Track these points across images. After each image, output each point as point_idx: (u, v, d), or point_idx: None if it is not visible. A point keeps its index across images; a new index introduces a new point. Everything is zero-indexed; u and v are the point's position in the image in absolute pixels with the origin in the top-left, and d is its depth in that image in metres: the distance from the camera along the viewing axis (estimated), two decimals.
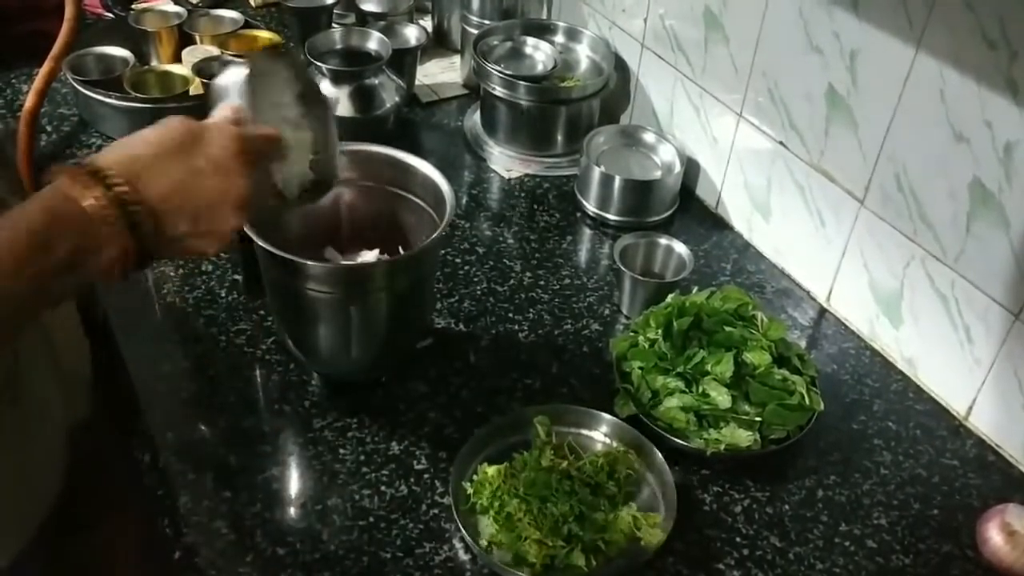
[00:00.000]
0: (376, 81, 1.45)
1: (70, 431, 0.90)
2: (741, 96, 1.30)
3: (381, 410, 1.05)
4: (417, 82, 1.65)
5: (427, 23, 1.78)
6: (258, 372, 1.08)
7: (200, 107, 1.46)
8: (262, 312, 1.14)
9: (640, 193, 1.35)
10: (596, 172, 1.35)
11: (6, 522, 0.83)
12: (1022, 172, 0.95)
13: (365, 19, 1.65)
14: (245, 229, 0.94)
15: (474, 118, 1.57)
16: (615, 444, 1.00)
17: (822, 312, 1.26)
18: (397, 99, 1.47)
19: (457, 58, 1.73)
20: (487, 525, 0.91)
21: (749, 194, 1.35)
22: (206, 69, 1.48)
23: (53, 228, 0.61)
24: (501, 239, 1.33)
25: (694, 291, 1.14)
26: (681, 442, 0.98)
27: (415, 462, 0.99)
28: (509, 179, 1.46)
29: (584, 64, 1.58)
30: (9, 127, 1.39)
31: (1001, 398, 1.06)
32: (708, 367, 1.02)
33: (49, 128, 1.45)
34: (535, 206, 1.41)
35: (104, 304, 1.11)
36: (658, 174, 1.41)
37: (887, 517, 0.98)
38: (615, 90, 1.53)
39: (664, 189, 1.37)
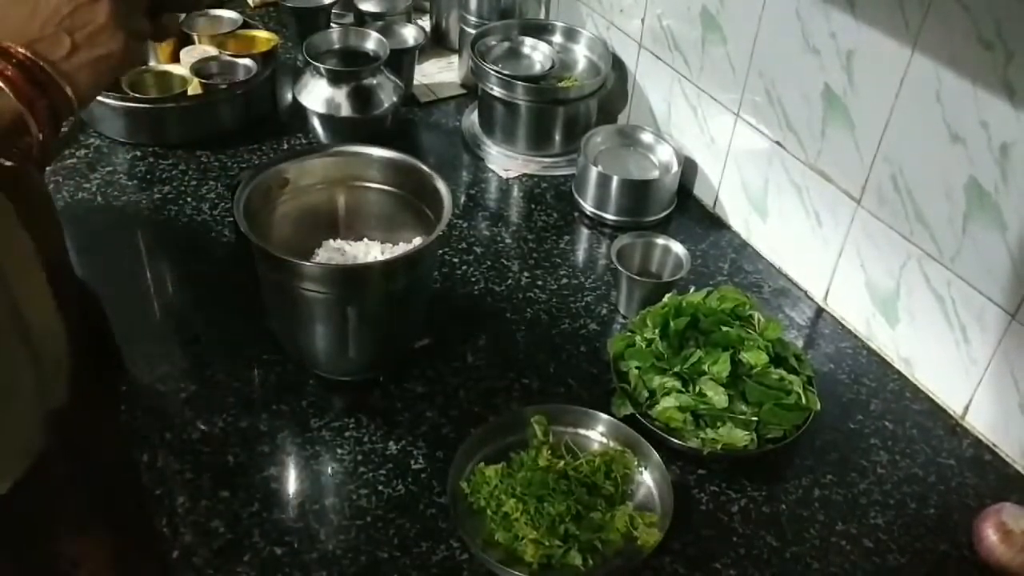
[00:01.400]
0: (374, 81, 1.45)
1: (45, 418, 0.87)
2: (738, 96, 1.30)
3: (378, 410, 1.05)
4: (415, 82, 1.65)
5: (425, 23, 1.78)
6: (256, 372, 1.08)
7: (199, 107, 1.47)
8: (260, 311, 1.14)
9: (637, 193, 1.35)
10: (594, 172, 1.35)
11: None
12: (1018, 173, 0.96)
13: (363, 19, 1.66)
14: (243, 231, 0.94)
15: (472, 118, 1.57)
16: (612, 444, 1.01)
17: (819, 312, 1.26)
18: (395, 99, 1.47)
19: (455, 58, 1.73)
20: (484, 524, 0.91)
21: (746, 194, 1.35)
22: (204, 69, 1.48)
23: None
24: (499, 239, 1.33)
25: (691, 291, 1.14)
26: (678, 442, 0.99)
27: (412, 462, 0.99)
28: (507, 179, 1.47)
29: (582, 64, 1.58)
30: None
31: (997, 398, 1.06)
32: (705, 367, 1.02)
33: None
34: (533, 206, 1.41)
35: (96, 301, 1.11)
36: (655, 174, 1.41)
37: (883, 516, 0.99)
38: (613, 90, 1.53)
39: (661, 189, 1.37)
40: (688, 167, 1.43)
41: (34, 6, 0.65)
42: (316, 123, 1.46)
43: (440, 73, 1.71)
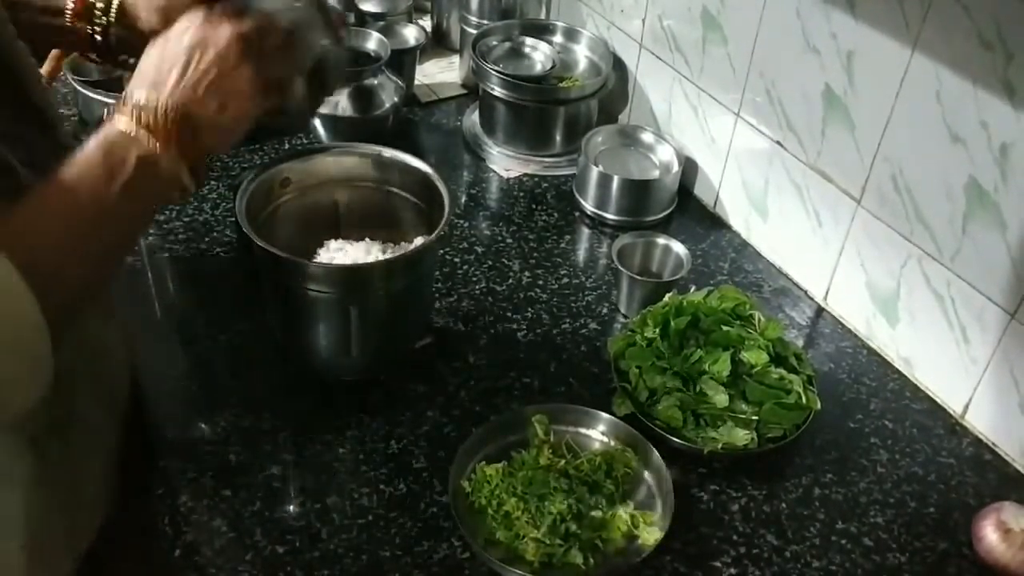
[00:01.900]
0: (375, 81, 1.46)
1: (117, 457, 0.91)
2: (739, 96, 1.31)
3: (380, 409, 1.05)
4: (416, 82, 1.65)
5: (426, 23, 1.78)
6: (257, 371, 1.09)
7: None
8: (261, 311, 1.14)
9: (638, 193, 1.36)
10: (594, 172, 1.36)
11: (47, 555, 0.82)
12: (1018, 172, 0.96)
13: (364, 19, 1.66)
14: (244, 231, 0.95)
15: (473, 118, 1.57)
16: (613, 443, 1.01)
17: (819, 311, 1.26)
18: (396, 99, 1.48)
19: (456, 58, 1.74)
20: (485, 523, 0.92)
21: (747, 194, 1.35)
22: None
23: (109, 156, 0.69)
24: (500, 238, 1.33)
25: (692, 290, 1.14)
26: (678, 441, 0.99)
27: (414, 461, 0.99)
28: (508, 179, 1.47)
29: (582, 64, 1.58)
30: None
31: (997, 397, 1.06)
32: (705, 366, 1.02)
33: None
34: (533, 205, 1.41)
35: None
36: (656, 174, 1.41)
37: (883, 515, 0.99)
38: (613, 90, 1.54)
39: (662, 189, 1.37)
40: (689, 167, 1.44)
41: (184, 69, 0.73)
42: (317, 123, 1.46)
43: (441, 73, 1.72)
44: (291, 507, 0.94)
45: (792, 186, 1.26)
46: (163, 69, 0.74)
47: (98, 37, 0.86)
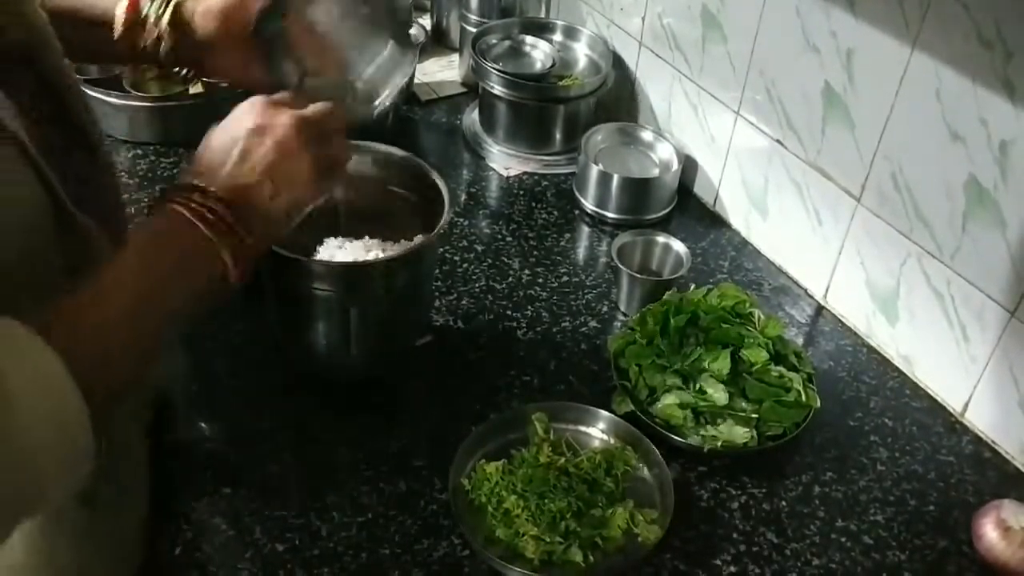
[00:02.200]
0: None
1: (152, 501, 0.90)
2: (739, 94, 1.31)
3: (380, 407, 1.05)
4: (416, 80, 1.65)
5: (426, 22, 1.78)
6: (257, 370, 1.09)
7: (201, 106, 1.47)
8: (261, 311, 1.14)
9: (638, 191, 1.36)
10: (594, 170, 1.36)
11: None
12: (1017, 170, 0.96)
13: None
14: None
15: (473, 116, 1.57)
16: (613, 441, 1.01)
17: (819, 310, 1.26)
18: (396, 97, 1.47)
19: (456, 56, 1.74)
20: (485, 521, 0.92)
21: (747, 192, 1.35)
22: None
23: (165, 248, 0.69)
24: (499, 237, 1.33)
25: (691, 289, 1.14)
26: (678, 439, 0.99)
27: (414, 459, 1.00)
28: (507, 177, 1.47)
29: (582, 63, 1.58)
30: None
31: (997, 395, 1.06)
32: (705, 364, 1.03)
33: None
34: (533, 204, 1.41)
35: None
36: (656, 172, 1.41)
37: (883, 513, 0.99)
38: (613, 88, 1.54)
39: (662, 187, 1.38)
40: (688, 165, 1.44)
41: (241, 156, 0.72)
42: None
43: (441, 72, 1.72)
44: (291, 505, 0.94)
45: (792, 184, 1.26)
46: (218, 154, 0.72)
47: (149, 49, 0.85)
